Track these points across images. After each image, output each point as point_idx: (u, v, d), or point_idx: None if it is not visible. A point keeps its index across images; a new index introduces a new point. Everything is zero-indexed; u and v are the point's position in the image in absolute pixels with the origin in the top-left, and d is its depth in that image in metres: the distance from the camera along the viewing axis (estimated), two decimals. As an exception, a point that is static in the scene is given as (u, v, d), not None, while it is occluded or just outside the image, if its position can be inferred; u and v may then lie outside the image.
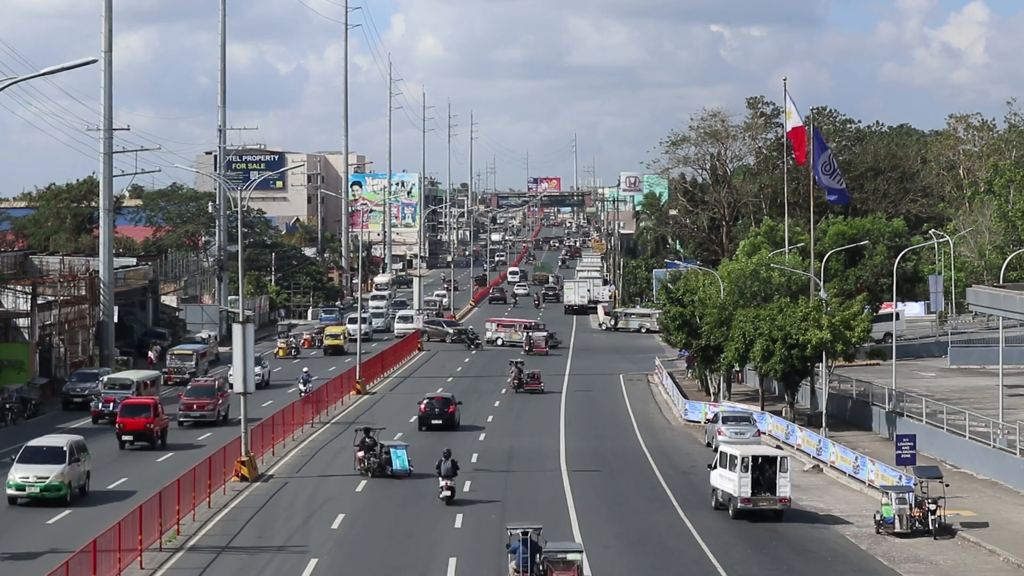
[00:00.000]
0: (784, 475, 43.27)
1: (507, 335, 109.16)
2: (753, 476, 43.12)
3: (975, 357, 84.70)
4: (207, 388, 64.97)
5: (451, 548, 38.34)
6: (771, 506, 43.38)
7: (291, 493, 46.76)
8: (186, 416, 62.85)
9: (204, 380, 68.24)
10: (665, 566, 37.15)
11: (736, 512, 43.34)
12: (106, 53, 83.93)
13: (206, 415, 63.08)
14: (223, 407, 64.36)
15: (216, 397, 63.99)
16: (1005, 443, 50.67)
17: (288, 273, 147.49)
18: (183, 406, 63.24)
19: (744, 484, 42.93)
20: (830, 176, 66.64)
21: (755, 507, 43.20)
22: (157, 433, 55.71)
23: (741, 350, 66.36)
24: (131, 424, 55.19)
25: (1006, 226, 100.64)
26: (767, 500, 43.21)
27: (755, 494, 43.07)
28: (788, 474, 43.62)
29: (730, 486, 43.70)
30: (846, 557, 39.19)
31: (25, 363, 72.13)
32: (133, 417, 55.29)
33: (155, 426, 55.45)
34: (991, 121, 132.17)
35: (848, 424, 64.72)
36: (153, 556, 36.36)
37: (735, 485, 43.23)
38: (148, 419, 55.28)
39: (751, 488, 42.97)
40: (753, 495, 43.03)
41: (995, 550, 39.35)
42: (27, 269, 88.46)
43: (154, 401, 57.07)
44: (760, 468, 43.30)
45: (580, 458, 55.58)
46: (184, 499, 40.47)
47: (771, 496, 43.18)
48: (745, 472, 42.98)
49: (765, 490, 43.19)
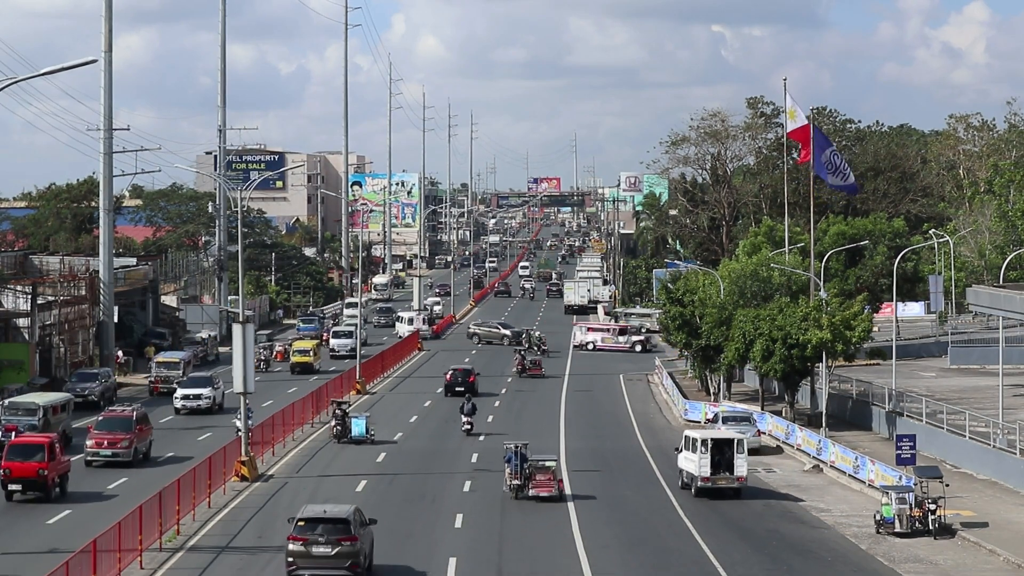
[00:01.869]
0: (741, 456, 47.04)
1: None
2: (713, 457, 46.96)
3: (975, 357, 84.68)
4: (122, 420, 52.12)
5: (451, 548, 38.35)
6: (729, 484, 47.09)
7: (291, 493, 46.77)
8: (95, 455, 51.12)
9: (121, 410, 54.21)
10: (665, 566, 37.16)
11: (697, 490, 47.03)
12: (106, 53, 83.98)
13: (119, 454, 51.00)
14: (143, 444, 52.76)
15: (133, 431, 51.61)
16: (1005, 443, 50.67)
17: (288, 273, 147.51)
18: (92, 442, 51.23)
19: (704, 464, 46.86)
20: (834, 174, 66.64)
21: (714, 485, 46.95)
22: (53, 481, 44.18)
23: (741, 350, 66.38)
24: (19, 470, 43.75)
25: (1006, 226, 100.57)
26: (725, 479, 47.05)
27: (714, 473, 46.96)
28: (744, 455, 47.36)
29: (692, 467, 47.51)
30: (846, 557, 39.18)
31: (25, 363, 72.14)
32: (22, 460, 43.76)
33: (50, 472, 43.88)
34: (991, 121, 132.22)
35: (848, 424, 64.72)
36: (153, 556, 36.37)
37: (696, 465, 47.12)
38: (41, 463, 43.71)
39: (711, 468, 46.89)
40: (713, 474, 46.93)
41: (995, 550, 39.34)
42: (27, 269, 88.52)
43: (49, 440, 45.00)
44: (719, 450, 47.08)
45: (580, 458, 55.58)
46: (184, 499, 40.47)
47: (729, 475, 47.03)
48: (705, 453, 46.89)
49: (724, 470, 47.01)
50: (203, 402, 66.88)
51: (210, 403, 66.90)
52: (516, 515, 43.58)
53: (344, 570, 33.56)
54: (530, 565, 36.86)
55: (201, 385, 68.12)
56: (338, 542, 33.53)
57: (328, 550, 33.55)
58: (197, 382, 68.84)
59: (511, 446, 47.07)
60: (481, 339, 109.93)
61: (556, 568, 36.50)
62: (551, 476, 46.61)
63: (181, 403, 66.87)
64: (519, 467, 46.60)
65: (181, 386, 68.63)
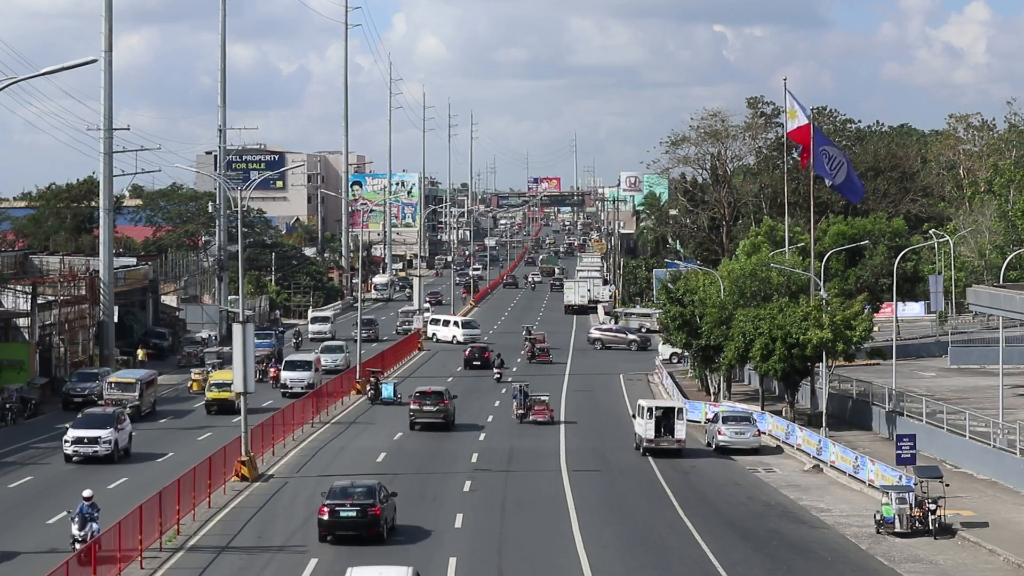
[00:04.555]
0: (680, 422, 56.09)
1: None
2: (657, 423, 55.84)
3: (975, 357, 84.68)
4: None
5: (451, 548, 38.31)
6: (670, 445, 55.94)
7: (291, 493, 46.76)
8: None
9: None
10: (665, 566, 37.14)
11: (644, 450, 55.99)
12: (106, 53, 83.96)
13: None
14: None
15: None
16: (1005, 443, 50.65)
17: (288, 273, 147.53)
18: None
19: (649, 428, 55.80)
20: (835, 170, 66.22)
21: (657, 446, 55.85)
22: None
23: (741, 350, 66.36)
24: None
25: (1006, 226, 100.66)
26: (667, 441, 55.90)
27: (658, 436, 55.86)
28: (684, 422, 56.81)
29: (641, 430, 56.39)
30: (846, 557, 39.18)
31: (25, 363, 72.10)
32: None
33: None
34: (991, 121, 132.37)
35: (848, 424, 64.70)
36: (153, 556, 36.35)
37: (643, 429, 55.95)
38: None
39: (654, 431, 55.79)
40: (656, 436, 55.84)
41: (995, 550, 39.34)
42: (27, 269, 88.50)
43: None
44: (664, 416, 56.10)
45: (580, 457, 55.60)
46: (184, 499, 40.45)
47: (670, 438, 55.93)
48: (650, 419, 55.84)
49: (666, 433, 55.88)
50: (101, 448, 51.17)
51: (110, 449, 51.24)
52: (516, 516, 43.56)
53: None
54: (530, 564, 36.85)
55: (100, 425, 51.94)
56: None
57: None
58: (95, 420, 52.29)
59: (517, 386, 67.24)
60: (605, 345, 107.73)
61: (556, 568, 36.48)
62: (545, 407, 65.56)
63: (72, 448, 51.06)
64: (523, 401, 65.40)
65: (74, 426, 52.14)
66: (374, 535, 38.45)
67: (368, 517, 38.42)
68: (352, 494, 38.91)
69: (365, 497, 38.79)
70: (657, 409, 56.32)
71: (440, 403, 61.92)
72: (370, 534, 38.44)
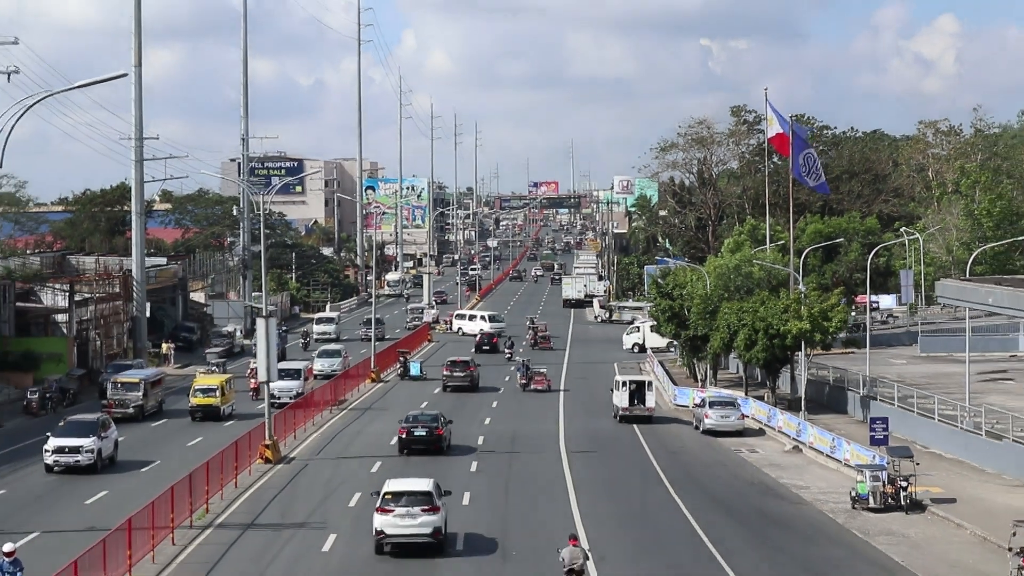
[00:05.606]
0: (650, 393, 61.28)
1: None
2: (631, 394, 60.96)
3: (943, 345, 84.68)
4: None
5: (458, 525, 38.35)
6: (641, 413, 60.87)
7: (311, 474, 46.84)
8: None
9: None
10: (656, 540, 37.19)
11: (620, 418, 60.91)
12: (136, 67, 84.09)
13: None
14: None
15: None
16: (971, 425, 50.70)
17: (307, 271, 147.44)
18: None
19: (623, 399, 61.02)
20: (808, 174, 67.48)
21: (631, 414, 60.77)
22: None
23: (726, 339, 66.41)
24: None
25: (972, 224, 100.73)
26: (639, 409, 60.84)
27: (631, 405, 60.88)
28: (654, 394, 62.12)
29: (617, 400, 61.41)
30: (824, 531, 39.24)
31: (64, 355, 72.37)
32: None
33: None
34: (958, 127, 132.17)
35: (825, 408, 64.71)
36: (184, 533, 36.45)
37: (619, 399, 61.14)
38: None
39: (628, 401, 60.84)
40: (630, 405, 60.87)
41: (962, 523, 39.40)
42: (65, 268, 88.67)
43: None
44: (637, 389, 61.20)
45: (578, 440, 55.64)
46: (212, 480, 40.55)
47: (642, 407, 60.90)
48: (625, 391, 61.07)
49: (638, 403, 60.89)
50: (83, 457, 45.75)
51: (92, 458, 45.85)
52: (519, 498, 43.60)
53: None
54: (532, 540, 36.88)
55: (82, 433, 46.28)
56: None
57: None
58: (77, 428, 46.66)
59: (519, 360, 77.59)
60: None
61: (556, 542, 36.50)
62: (544, 377, 73.40)
63: (53, 458, 45.76)
64: (525, 372, 73.74)
65: (55, 434, 46.60)
66: (437, 448, 49.45)
67: (434, 436, 49.65)
68: (422, 420, 50.09)
69: (431, 422, 49.97)
70: (631, 383, 61.53)
71: (467, 370, 72.18)
72: (435, 448, 49.48)
